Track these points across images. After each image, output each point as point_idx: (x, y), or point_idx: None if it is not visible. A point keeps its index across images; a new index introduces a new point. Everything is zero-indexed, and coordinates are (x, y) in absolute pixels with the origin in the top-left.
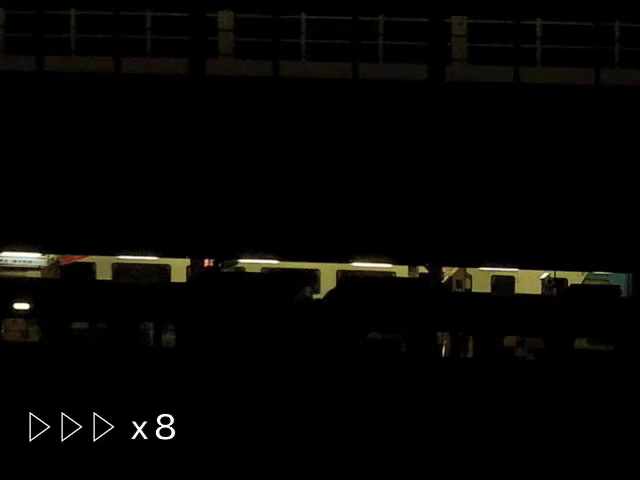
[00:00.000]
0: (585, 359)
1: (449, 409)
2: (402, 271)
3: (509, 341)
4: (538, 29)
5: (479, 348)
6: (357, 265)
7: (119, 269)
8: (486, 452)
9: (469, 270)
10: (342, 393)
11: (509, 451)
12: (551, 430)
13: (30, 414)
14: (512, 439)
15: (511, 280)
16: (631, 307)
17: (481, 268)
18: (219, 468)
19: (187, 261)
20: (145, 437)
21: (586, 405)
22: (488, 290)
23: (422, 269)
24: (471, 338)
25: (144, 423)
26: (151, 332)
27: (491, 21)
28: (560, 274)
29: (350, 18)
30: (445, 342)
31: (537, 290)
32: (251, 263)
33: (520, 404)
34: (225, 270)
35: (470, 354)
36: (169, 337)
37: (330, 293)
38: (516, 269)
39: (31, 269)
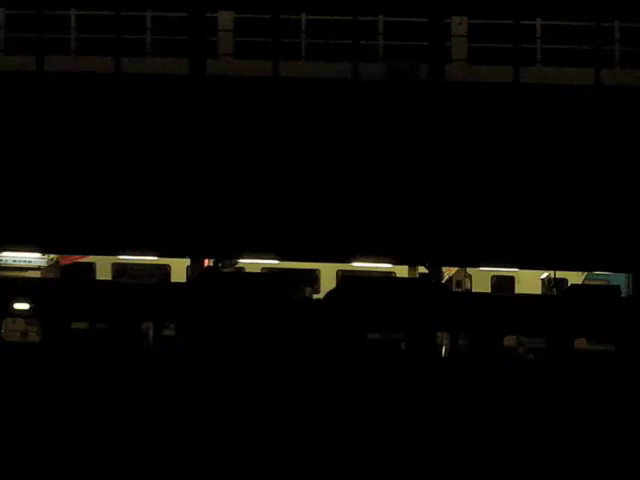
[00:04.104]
0: (585, 359)
1: (449, 409)
2: (402, 271)
3: (509, 341)
4: (538, 29)
5: (479, 348)
6: (357, 265)
7: (119, 269)
8: (486, 452)
9: (469, 270)
10: (342, 392)
11: (509, 451)
12: (551, 429)
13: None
14: (512, 439)
15: (511, 280)
16: (631, 307)
17: (481, 268)
18: (220, 467)
19: (187, 261)
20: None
21: (586, 405)
22: (488, 290)
23: (422, 269)
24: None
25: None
26: (151, 332)
27: (491, 21)
28: (560, 274)
29: (350, 18)
30: (445, 342)
31: (537, 290)
32: (251, 263)
33: (520, 404)
34: (225, 270)
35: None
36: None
37: (330, 293)
38: (516, 269)
39: (31, 269)
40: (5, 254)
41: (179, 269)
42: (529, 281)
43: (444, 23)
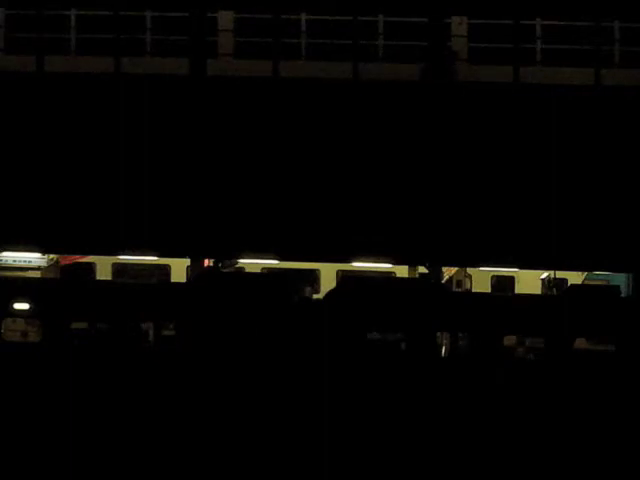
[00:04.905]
0: (585, 359)
1: (449, 409)
2: (402, 271)
3: (509, 341)
4: (538, 29)
5: (479, 348)
6: (357, 265)
7: (119, 269)
8: (486, 451)
9: (469, 270)
10: (341, 392)
11: (509, 450)
12: (551, 429)
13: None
14: (512, 439)
15: (511, 280)
16: (631, 307)
17: (481, 268)
18: (220, 467)
19: (187, 261)
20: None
21: (586, 405)
22: (488, 290)
23: (422, 269)
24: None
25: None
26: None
27: (491, 21)
28: (560, 274)
29: (350, 18)
30: (445, 342)
31: (537, 290)
32: (251, 263)
33: (520, 404)
34: (225, 270)
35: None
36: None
37: (329, 293)
38: (516, 269)
39: (31, 269)
40: (5, 254)
41: (179, 269)
42: (529, 281)
43: (444, 23)
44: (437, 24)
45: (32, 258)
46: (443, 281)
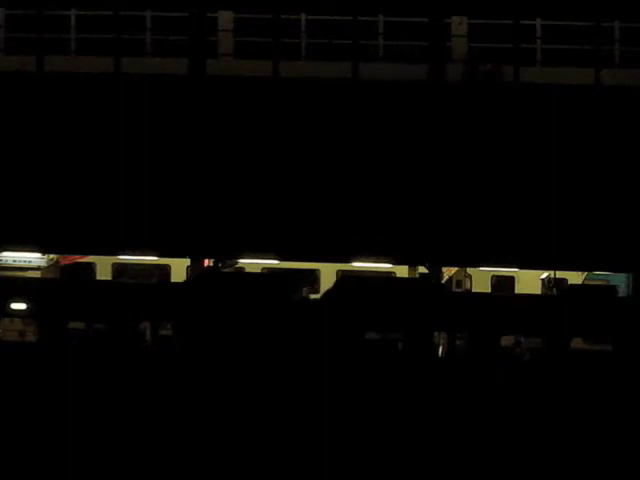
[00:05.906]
0: (584, 359)
1: (447, 409)
2: (402, 271)
3: (507, 341)
4: (538, 29)
5: (478, 348)
6: (357, 265)
7: (119, 269)
8: (484, 452)
9: (469, 270)
10: (340, 392)
11: (506, 451)
12: (549, 430)
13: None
14: (511, 439)
15: (511, 280)
16: (630, 307)
17: (481, 268)
18: (219, 467)
19: (187, 261)
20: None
21: (584, 405)
22: (488, 290)
23: (422, 269)
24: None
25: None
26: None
27: (491, 21)
28: (560, 274)
29: (350, 18)
30: (442, 342)
31: (537, 290)
32: (251, 263)
33: (519, 403)
34: (225, 270)
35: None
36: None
37: (327, 293)
38: (516, 269)
39: (31, 269)
40: (5, 254)
41: (179, 269)
42: (529, 281)
43: (444, 23)
44: (437, 24)
45: (32, 258)
46: (443, 281)
